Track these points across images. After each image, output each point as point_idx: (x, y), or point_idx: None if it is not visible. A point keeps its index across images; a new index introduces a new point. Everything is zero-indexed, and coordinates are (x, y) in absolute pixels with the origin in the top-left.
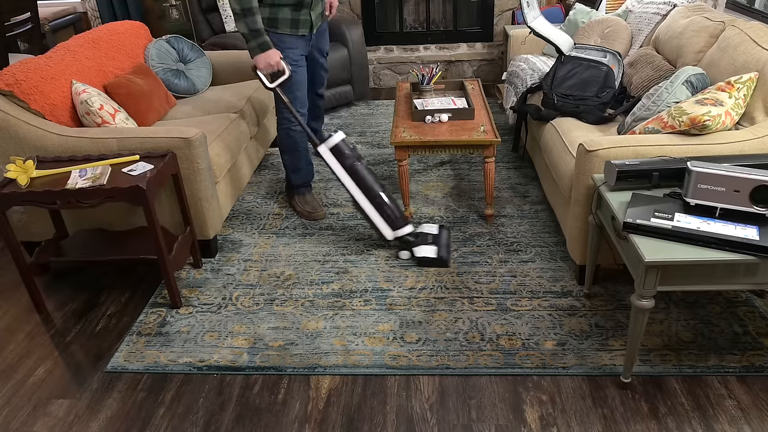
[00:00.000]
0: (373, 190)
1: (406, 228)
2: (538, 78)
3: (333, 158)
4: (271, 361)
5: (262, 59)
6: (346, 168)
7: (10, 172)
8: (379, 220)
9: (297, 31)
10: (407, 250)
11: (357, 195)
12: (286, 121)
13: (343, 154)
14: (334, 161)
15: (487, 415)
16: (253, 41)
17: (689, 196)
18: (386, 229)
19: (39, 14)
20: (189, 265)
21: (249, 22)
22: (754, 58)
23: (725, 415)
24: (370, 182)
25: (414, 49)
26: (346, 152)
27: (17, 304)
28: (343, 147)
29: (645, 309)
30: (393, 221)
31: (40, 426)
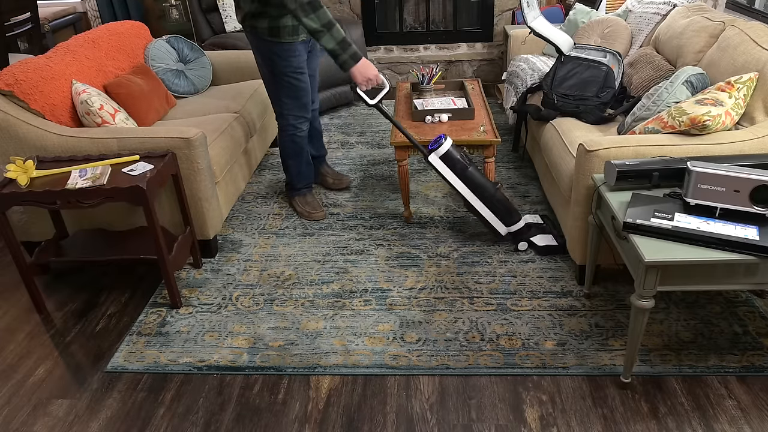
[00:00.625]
0: (486, 190)
1: (521, 222)
2: (538, 78)
3: (444, 166)
4: (271, 361)
5: (358, 73)
6: (458, 174)
7: (10, 172)
8: (493, 218)
9: (297, 37)
10: (524, 241)
11: (472, 198)
12: (292, 127)
13: (452, 159)
14: (445, 168)
15: (487, 415)
16: (345, 54)
17: (689, 196)
18: (500, 225)
19: (39, 14)
20: (189, 265)
21: (335, 34)
22: (754, 58)
23: (725, 415)
24: (481, 183)
25: (414, 49)
26: (456, 157)
27: (17, 304)
28: (453, 154)
29: (645, 309)
30: (507, 217)
31: (40, 426)
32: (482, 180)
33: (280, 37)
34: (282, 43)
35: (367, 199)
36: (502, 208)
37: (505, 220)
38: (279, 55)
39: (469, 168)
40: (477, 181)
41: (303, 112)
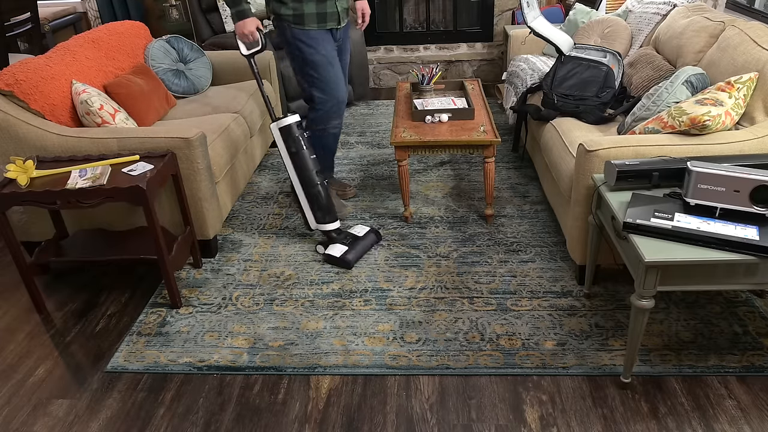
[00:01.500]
0: (312, 180)
1: (331, 225)
2: (538, 78)
3: (281, 139)
4: (271, 361)
5: (238, 27)
6: (290, 152)
7: (10, 172)
8: (308, 209)
9: (325, 25)
10: (323, 245)
11: (294, 179)
12: (323, 123)
13: (291, 137)
14: (281, 142)
15: (487, 415)
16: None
17: (689, 196)
18: (312, 219)
19: (39, 14)
20: (189, 265)
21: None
22: (754, 58)
23: (725, 415)
24: (310, 171)
25: (414, 49)
26: (295, 136)
27: (17, 304)
28: (293, 131)
29: (645, 309)
30: (321, 214)
31: (40, 426)
32: (310, 167)
33: (304, 24)
34: (307, 30)
35: (367, 199)
36: (318, 204)
37: (317, 216)
38: (305, 42)
39: (302, 151)
40: (304, 167)
41: (334, 106)
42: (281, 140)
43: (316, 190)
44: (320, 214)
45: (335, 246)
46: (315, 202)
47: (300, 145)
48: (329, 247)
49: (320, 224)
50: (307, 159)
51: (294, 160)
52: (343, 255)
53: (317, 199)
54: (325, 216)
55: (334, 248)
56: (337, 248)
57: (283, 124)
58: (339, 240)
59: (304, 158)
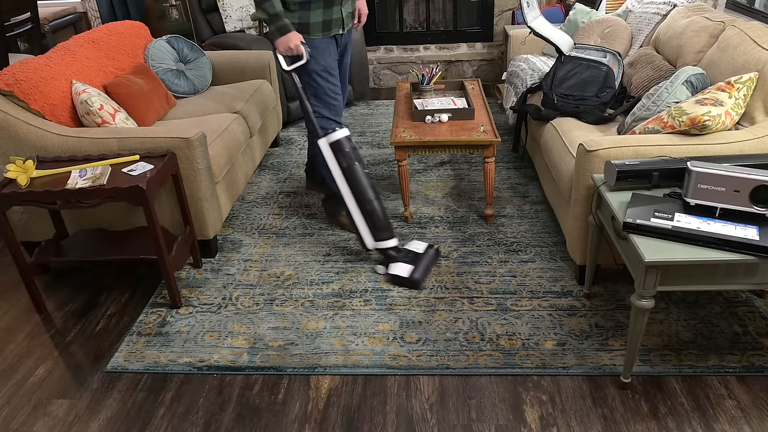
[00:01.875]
0: (366, 195)
1: (389, 242)
2: (538, 78)
3: (331, 154)
4: (271, 361)
5: (281, 42)
6: (342, 167)
7: (10, 172)
8: (363, 227)
9: (330, 32)
10: (384, 265)
11: (347, 196)
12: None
13: (342, 151)
14: (331, 157)
15: (487, 415)
16: (272, 26)
17: (689, 196)
18: (368, 237)
19: (39, 14)
20: (189, 265)
21: (267, 8)
22: (754, 58)
23: (725, 415)
24: (363, 186)
25: (414, 49)
26: (346, 150)
27: (17, 304)
28: (344, 144)
29: (645, 309)
30: (377, 231)
31: (40, 426)
32: (364, 183)
33: (309, 33)
34: (312, 39)
35: None
36: (374, 220)
37: (374, 233)
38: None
39: (355, 164)
40: (357, 182)
41: (332, 115)
42: (331, 156)
43: (371, 207)
44: (377, 232)
45: (398, 265)
46: (370, 218)
47: (352, 160)
48: (391, 266)
49: (378, 242)
50: (359, 173)
51: (346, 176)
52: (411, 275)
53: (373, 215)
54: (382, 233)
55: (398, 268)
56: (402, 267)
57: (333, 139)
58: (400, 258)
59: (356, 173)
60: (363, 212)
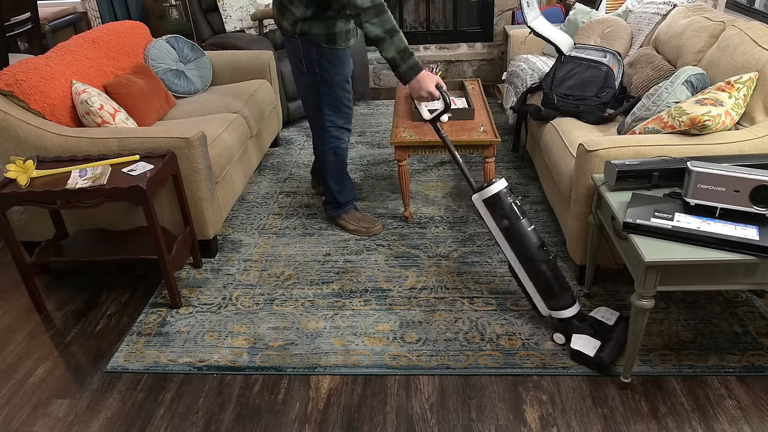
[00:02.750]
0: (535, 256)
1: (569, 310)
2: (538, 78)
3: (487, 211)
4: (271, 361)
5: (414, 87)
6: (501, 226)
7: (10, 172)
8: (535, 293)
9: (349, 42)
10: (564, 334)
11: (512, 259)
12: (335, 139)
13: (502, 207)
14: (487, 215)
15: (487, 415)
16: (405, 65)
17: (689, 196)
18: (542, 304)
19: (39, 14)
20: (189, 265)
21: (397, 42)
22: (754, 58)
23: (725, 415)
24: (532, 245)
25: (414, 49)
26: (506, 205)
27: (17, 304)
28: (502, 200)
29: (645, 309)
30: (553, 297)
31: (40, 426)
32: (533, 241)
33: (335, 43)
34: (336, 49)
35: (367, 199)
36: (547, 285)
37: (550, 300)
38: (331, 62)
39: (518, 222)
40: (524, 241)
41: (346, 124)
42: (488, 214)
43: (543, 269)
44: (553, 298)
45: (582, 338)
46: (543, 282)
47: (515, 216)
48: (574, 339)
49: (555, 311)
50: (525, 231)
51: (509, 236)
52: (597, 354)
53: (545, 278)
54: (559, 299)
55: (581, 341)
56: (586, 342)
57: (487, 195)
58: (583, 329)
59: (521, 231)
60: (533, 276)
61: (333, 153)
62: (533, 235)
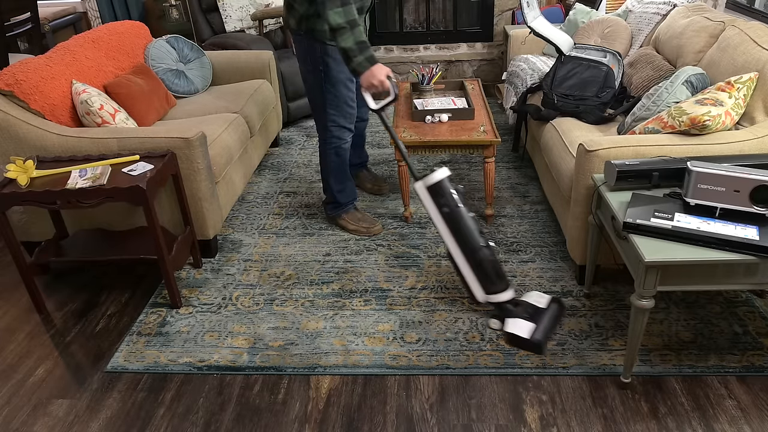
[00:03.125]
0: (473, 243)
1: (503, 294)
2: (538, 78)
3: (429, 199)
4: (271, 361)
5: (365, 78)
6: (442, 212)
7: (10, 172)
8: (472, 278)
9: None
10: (499, 319)
11: (451, 244)
12: (336, 139)
13: (443, 195)
14: (429, 202)
15: (487, 415)
16: (361, 56)
17: (689, 196)
18: (478, 289)
19: (39, 14)
20: (189, 265)
21: (356, 34)
22: (754, 58)
23: (725, 415)
24: (470, 232)
25: (414, 49)
26: (446, 193)
27: (17, 304)
28: (444, 188)
29: (645, 309)
30: (489, 282)
31: (40, 426)
32: (471, 228)
33: None
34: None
35: (368, 199)
36: (484, 271)
37: (486, 285)
38: (335, 59)
39: (457, 209)
40: (462, 228)
41: (348, 123)
42: (430, 201)
43: (480, 255)
44: (488, 284)
45: (517, 322)
46: (480, 269)
47: (454, 203)
48: (508, 323)
49: (490, 295)
50: (465, 218)
51: (448, 222)
52: (532, 336)
53: (482, 265)
54: (496, 285)
55: (516, 325)
56: (521, 325)
57: (430, 182)
58: (518, 313)
59: (461, 218)
60: (470, 262)
61: (335, 153)
62: (472, 223)
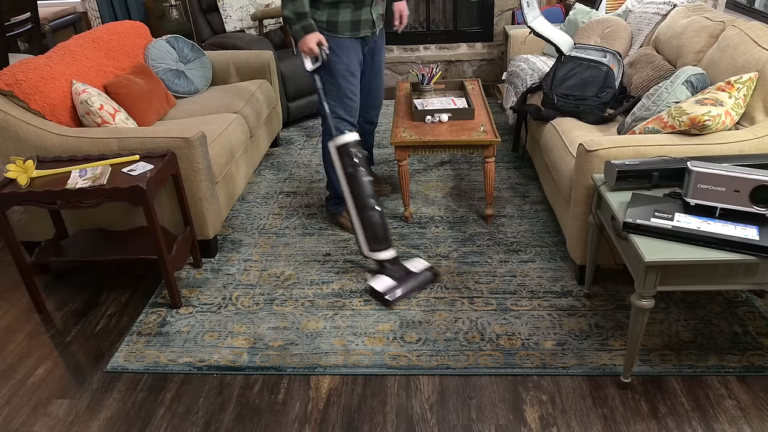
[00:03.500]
0: (366, 203)
1: (383, 254)
2: (538, 78)
3: (337, 157)
4: (271, 361)
5: (301, 43)
6: (345, 171)
7: (10, 172)
8: (361, 234)
9: (358, 33)
10: (373, 274)
11: (348, 200)
12: (335, 130)
13: (349, 156)
14: (337, 160)
15: (487, 415)
16: (298, 24)
17: (689, 196)
18: (364, 244)
19: (39, 14)
20: (189, 265)
21: (297, 7)
22: (754, 58)
23: (725, 415)
24: (365, 194)
25: (414, 49)
26: (351, 154)
27: (17, 304)
28: (350, 150)
29: (645, 309)
30: (374, 241)
31: (40, 426)
32: (366, 190)
33: (337, 31)
34: (339, 38)
35: None
36: (372, 230)
37: (371, 243)
38: (333, 50)
39: (358, 171)
40: (359, 188)
41: (348, 116)
42: (337, 159)
43: (369, 215)
44: (373, 242)
45: (382, 279)
46: (368, 227)
47: (356, 166)
48: (375, 278)
49: (372, 252)
50: (362, 180)
51: (349, 181)
52: (386, 291)
53: (370, 224)
54: (378, 244)
55: (379, 281)
56: (383, 282)
57: (340, 142)
58: (389, 272)
59: (359, 178)
60: (361, 219)
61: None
62: (368, 186)
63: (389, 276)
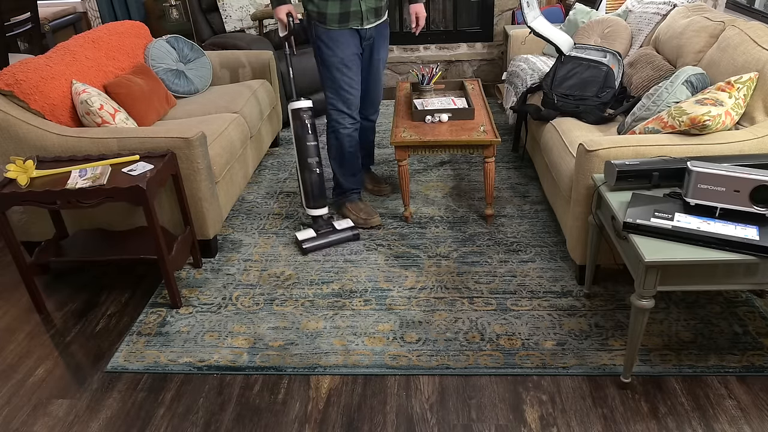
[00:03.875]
0: (307, 164)
1: (316, 211)
2: (538, 78)
3: (292, 119)
4: (271, 361)
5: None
6: (295, 133)
7: (10, 172)
8: (302, 192)
9: (347, 24)
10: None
11: (296, 160)
12: (335, 122)
13: (299, 119)
14: (292, 122)
15: (487, 415)
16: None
17: (689, 196)
18: (305, 200)
19: (39, 14)
20: (189, 265)
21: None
22: (754, 58)
23: (725, 415)
24: (309, 156)
25: (414, 49)
26: (302, 119)
27: (17, 304)
28: (301, 115)
29: (645, 309)
30: (311, 198)
31: (40, 426)
32: (310, 153)
33: (326, 23)
34: (328, 29)
35: (368, 199)
36: (310, 188)
37: (309, 200)
38: (324, 42)
39: (306, 136)
40: (304, 151)
41: (346, 109)
42: (292, 121)
43: (308, 176)
44: (310, 200)
45: (307, 230)
46: (309, 185)
47: (304, 131)
48: (302, 230)
49: (308, 208)
50: (308, 143)
51: (297, 143)
52: (303, 240)
53: (311, 182)
54: (316, 201)
55: (303, 232)
56: (306, 233)
57: (294, 107)
58: (315, 226)
59: (305, 141)
60: (302, 178)
61: (334, 137)
62: (313, 150)
63: (315, 230)
